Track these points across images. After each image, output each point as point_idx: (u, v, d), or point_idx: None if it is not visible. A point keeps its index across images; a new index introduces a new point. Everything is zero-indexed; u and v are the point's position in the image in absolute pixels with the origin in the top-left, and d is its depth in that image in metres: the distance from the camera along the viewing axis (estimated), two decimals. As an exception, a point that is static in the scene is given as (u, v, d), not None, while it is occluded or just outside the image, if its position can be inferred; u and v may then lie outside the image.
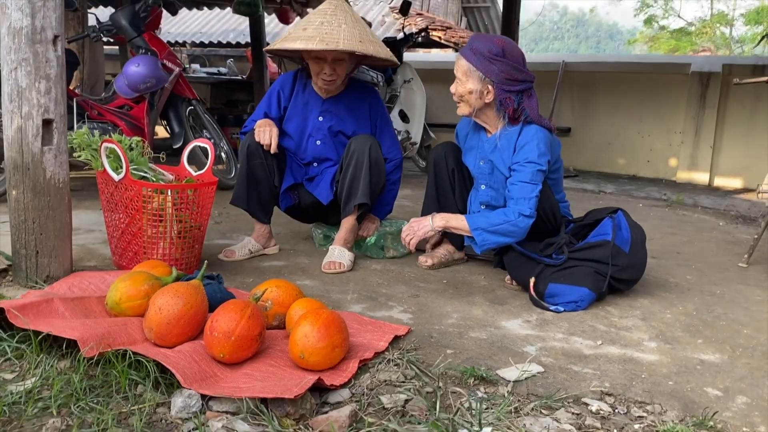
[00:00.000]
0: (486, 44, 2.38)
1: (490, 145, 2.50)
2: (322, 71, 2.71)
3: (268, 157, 2.73)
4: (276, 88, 2.89)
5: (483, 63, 2.35)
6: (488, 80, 2.37)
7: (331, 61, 2.68)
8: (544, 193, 2.41)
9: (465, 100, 2.44)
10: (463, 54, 2.42)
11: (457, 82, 2.44)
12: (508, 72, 2.36)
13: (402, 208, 3.90)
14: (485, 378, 1.67)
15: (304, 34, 2.61)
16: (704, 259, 3.16)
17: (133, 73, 3.85)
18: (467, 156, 2.65)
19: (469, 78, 2.39)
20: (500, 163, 2.46)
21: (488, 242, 2.40)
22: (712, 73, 6.27)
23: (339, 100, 2.86)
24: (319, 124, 2.85)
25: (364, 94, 2.91)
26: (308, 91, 2.87)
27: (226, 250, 2.77)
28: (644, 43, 22.88)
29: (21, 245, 2.14)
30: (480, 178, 2.58)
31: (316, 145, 2.86)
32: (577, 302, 2.26)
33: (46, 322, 1.72)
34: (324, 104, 2.85)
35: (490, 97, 2.40)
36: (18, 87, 2.05)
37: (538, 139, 2.38)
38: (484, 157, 2.53)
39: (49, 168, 2.12)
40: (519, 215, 2.33)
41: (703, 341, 2.04)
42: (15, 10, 2.01)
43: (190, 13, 12.34)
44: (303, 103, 2.86)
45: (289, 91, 2.87)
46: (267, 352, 1.75)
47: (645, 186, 6.00)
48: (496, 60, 2.35)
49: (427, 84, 5.96)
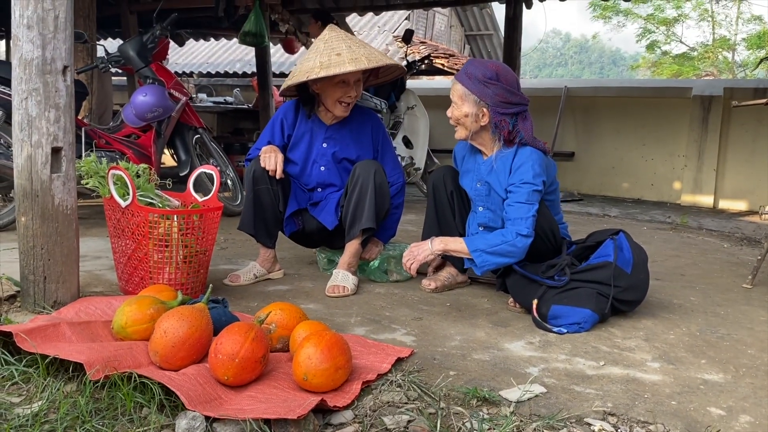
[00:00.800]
0: (480, 69, 2.43)
1: (487, 167, 2.54)
2: (346, 94, 2.77)
3: (273, 182, 2.77)
4: (279, 117, 2.93)
5: (478, 87, 2.41)
6: (483, 103, 2.42)
7: (354, 84, 2.76)
8: (543, 213, 2.44)
9: (461, 124, 2.50)
10: (458, 79, 2.48)
11: (454, 106, 2.50)
12: (502, 95, 2.40)
13: (406, 233, 3.93)
14: (488, 399, 1.68)
15: (339, 59, 2.65)
16: (708, 281, 3.16)
17: (140, 103, 3.91)
18: (464, 178, 2.68)
19: (464, 102, 2.45)
20: (497, 185, 2.49)
21: (488, 263, 2.42)
22: (714, 97, 6.32)
23: (342, 126, 2.91)
24: (323, 150, 2.89)
25: (365, 118, 2.96)
26: (312, 119, 2.92)
27: (231, 275, 2.80)
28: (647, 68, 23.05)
29: (29, 271, 2.18)
30: (477, 200, 2.61)
31: (320, 171, 2.90)
32: (580, 323, 2.26)
33: (53, 345, 1.74)
34: (328, 131, 2.90)
35: (485, 120, 2.44)
36: (28, 116, 2.10)
37: (533, 161, 2.42)
38: (481, 179, 2.57)
39: (57, 195, 2.16)
40: (517, 235, 2.36)
41: (707, 361, 2.04)
42: (26, 42, 2.07)
43: (197, 44, 12.56)
44: (307, 131, 2.91)
45: (292, 119, 2.92)
46: (271, 375, 1.76)
47: (649, 209, 6.01)
48: (491, 83, 2.40)
49: (430, 110, 6.03)
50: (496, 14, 15.06)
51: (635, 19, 21.02)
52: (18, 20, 2.07)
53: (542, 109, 6.61)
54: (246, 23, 6.41)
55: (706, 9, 20.13)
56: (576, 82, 7.62)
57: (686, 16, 20.48)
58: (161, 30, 4.16)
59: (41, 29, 2.07)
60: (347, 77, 2.73)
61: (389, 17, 12.98)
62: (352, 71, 2.65)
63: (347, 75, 2.71)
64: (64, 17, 2.12)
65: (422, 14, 14.10)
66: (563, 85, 7.18)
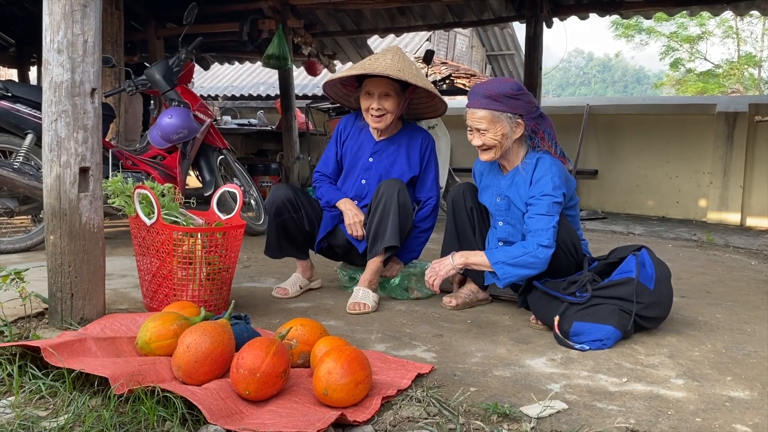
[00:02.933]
0: (499, 87, 2.45)
1: (507, 182, 2.55)
2: (370, 107, 2.81)
3: (297, 210, 2.83)
4: (338, 128, 3.04)
5: (507, 103, 2.44)
6: (516, 116, 2.45)
7: (378, 97, 2.79)
8: (564, 225, 2.45)
9: (496, 146, 2.48)
10: (478, 106, 2.46)
11: (482, 134, 2.47)
12: (530, 102, 2.49)
13: (426, 251, 3.92)
14: (508, 414, 1.67)
15: (370, 65, 2.77)
16: (735, 298, 3.11)
17: (166, 125, 4.00)
18: (484, 194, 2.70)
19: (496, 124, 2.45)
20: (516, 199, 2.50)
21: (509, 275, 2.42)
22: (739, 113, 6.25)
23: (391, 142, 2.96)
24: (369, 164, 2.95)
25: (416, 134, 2.99)
26: (364, 132, 2.98)
27: (278, 288, 2.91)
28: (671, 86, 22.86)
29: (57, 288, 2.23)
30: (497, 214, 2.62)
31: (361, 183, 2.95)
32: (603, 340, 2.24)
33: (79, 360, 1.78)
34: (376, 145, 2.95)
35: (519, 132, 2.48)
36: (57, 137, 2.16)
37: (553, 173, 2.44)
38: (501, 193, 2.58)
39: (84, 213, 2.22)
40: (538, 246, 2.37)
41: (733, 378, 2.01)
42: (56, 65, 2.14)
43: (222, 68, 12.79)
44: (358, 143, 2.98)
45: (349, 129, 3.02)
46: (292, 390, 1.78)
47: (675, 227, 5.94)
48: (519, 94, 2.46)
49: (451, 130, 6.06)
50: (518, 34, 15.10)
51: (658, 36, 20.92)
52: (49, 45, 2.14)
53: (565, 127, 6.60)
54: (269, 46, 6.53)
55: (730, 26, 19.96)
56: (598, 100, 7.60)
57: (710, 33, 20.33)
58: (186, 53, 4.26)
59: (71, 53, 2.14)
60: (371, 89, 2.78)
61: (410, 39, 13.10)
62: (344, 76, 2.77)
63: (371, 87, 2.77)
64: (92, 42, 2.19)
65: (443, 35, 14.21)
66: (585, 103, 7.16)
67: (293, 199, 2.84)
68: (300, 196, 2.88)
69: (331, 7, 7.04)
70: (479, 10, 7.27)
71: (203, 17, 6.60)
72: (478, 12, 7.32)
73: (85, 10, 2.16)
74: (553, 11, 6.61)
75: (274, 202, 2.82)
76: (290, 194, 2.84)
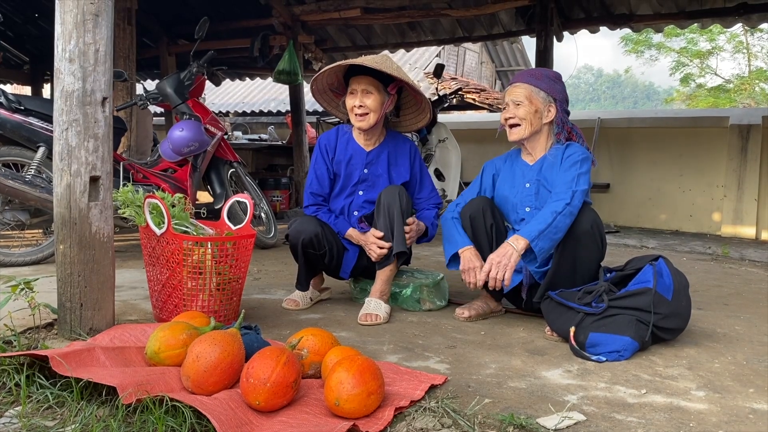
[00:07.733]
0: (542, 71, 2.67)
1: (536, 168, 2.66)
2: (354, 105, 2.80)
3: (322, 247, 2.79)
4: (322, 144, 2.96)
5: (547, 83, 2.61)
6: (551, 98, 2.60)
7: (361, 94, 2.79)
8: (591, 211, 2.50)
9: (527, 121, 2.60)
10: (521, 81, 2.65)
11: (517, 107, 2.61)
12: (565, 92, 2.66)
13: (426, 258, 3.90)
14: (525, 426, 1.62)
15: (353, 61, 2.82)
16: (753, 310, 3.05)
17: (177, 138, 4.00)
18: (504, 186, 2.74)
19: (532, 99, 2.60)
20: (547, 181, 2.59)
21: (545, 249, 2.45)
22: (752, 125, 6.20)
23: (381, 150, 2.94)
24: (365, 175, 2.93)
25: (401, 142, 2.99)
26: (351, 145, 2.95)
27: (288, 300, 2.89)
28: (682, 101, 22.75)
29: (66, 298, 2.21)
30: (524, 201, 2.67)
31: (358, 195, 2.93)
32: (620, 352, 2.19)
33: (87, 370, 1.75)
34: (368, 156, 2.93)
35: (551, 116, 2.61)
36: (68, 146, 2.15)
37: (584, 153, 2.56)
38: (531, 179, 2.65)
39: (94, 223, 2.20)
40: (565, 206, 2.43)
41: (755, 390, 1.95)
42: (68, 74, 2.14)
43: (233, 84, 12.89)
44: (347, 156, 2.94)
45: (333, 143, 2.97)
46: (302, 400, 1.74)
47: (689, 241, 5.87)
48: (558, 81, 2.65)
49: (461, 143, 6.04)
50: (527, 50, 15.14)
51: (668, 52, 20.86)
52: (60, 54, 2.14)
53: (575, 140, 6.55)
54: (280, 62, 6.57)
55: (741, 41, 19.89)
56: (609, 114, 7.56)
57: (720, 48, 20.25)
58: (198, 67, 4.28)
59: (82, 62, 2.14)
60: (354, 87, 2.80)
61: (420, 54, 13.16)
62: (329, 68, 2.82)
63: (354, 85, 2.79)
64: (104, 51, 2.19)
65: (453, 51, 14.27)
66: (597, 116, 7.13)
67: (320, 236, 2.77)
68: (326, 232, 2.81)
69: (341, 23, 7.09)
70: (489, 24, 7.28)
71: (215, 34, 6.66)
72: (488, 26, 7.33)
73: (97, 19, 2.16)
74: (564, 25, 6.61)
75: (303, 239, 2.77)
76: (318, 231, 2.77)
